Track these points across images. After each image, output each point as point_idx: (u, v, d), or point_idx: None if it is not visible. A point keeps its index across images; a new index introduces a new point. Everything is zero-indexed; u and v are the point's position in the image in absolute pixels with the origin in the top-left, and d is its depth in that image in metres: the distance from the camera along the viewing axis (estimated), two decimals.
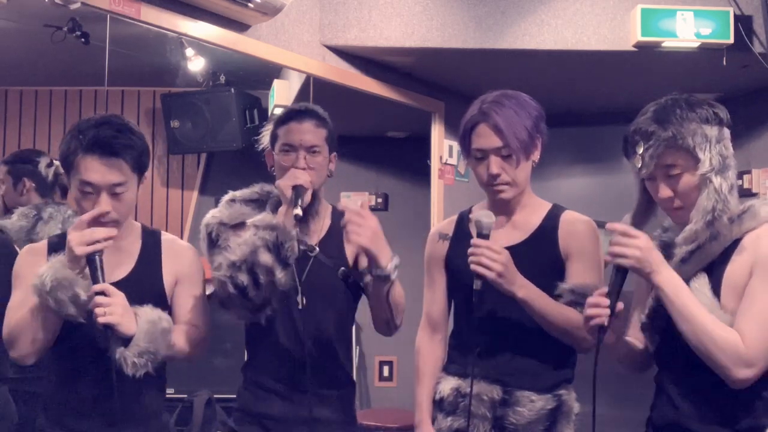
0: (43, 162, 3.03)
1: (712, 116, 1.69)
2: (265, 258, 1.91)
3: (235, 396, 2.20)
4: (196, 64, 3.88)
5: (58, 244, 1.90)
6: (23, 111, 4.39)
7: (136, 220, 2.04)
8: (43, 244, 1.96)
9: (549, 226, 2.06)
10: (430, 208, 4.04)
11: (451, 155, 4.09)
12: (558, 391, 2.03)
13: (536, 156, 2.05)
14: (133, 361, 1.75)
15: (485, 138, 1.99)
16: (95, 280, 1.72)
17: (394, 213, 5.15)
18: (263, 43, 3.07)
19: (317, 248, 2.07)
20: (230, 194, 2.16)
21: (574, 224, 2.06)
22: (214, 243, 2.06)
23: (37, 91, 4.41)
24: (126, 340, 1.75)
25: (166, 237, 2.05)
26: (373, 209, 5.53)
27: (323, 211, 2.17)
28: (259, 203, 2.13)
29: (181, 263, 2.01)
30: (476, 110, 2.02)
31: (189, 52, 3.75)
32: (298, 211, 1.92)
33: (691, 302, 1.62)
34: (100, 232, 1.74)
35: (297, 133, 2.05)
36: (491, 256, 1.86)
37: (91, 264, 1.73)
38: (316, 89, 3.68)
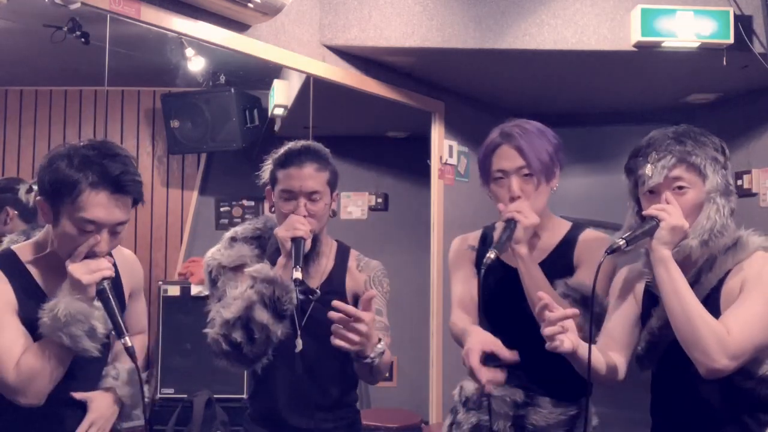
0: (22, 189, 3.04)
1: (720, 147, 1.76)
2: (261, 314, 1.88)
3: (234, 396, 2.21)
4: (196, 64, 3.88)
5: (4, 261, 1.76)
6: (23, 111, 4.39)
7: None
8: None
9: (566, 246, 2.07)
10: (430, 208, 4.04)
11: (451, 155, 4.08)
12: (579, 401, 2.05)
13: (555, 183, 2.05)
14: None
15: (507, 159, 1.99)
16: (109, 311, 1.66)
17: (394, 213, 5.15)
18: (263, 43, 3.07)
19: (318, 292, 2.01)
20: (232, 231, 2.10)
21: (588, 241, 2.06)
22: (214, 283, 2.04)
23: (37, 91, 4.41)
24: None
25: (119, 254, 1.95)
26: (373, 209, 5.58)
27: (326, 251, 2.11)
28: (260, 240, 2.08)
29: (135, 276, 1.98)
30: (497, 134, 2.04)
31: (189, 52, 3.75)
32: (298, 274, 1.86)
33: (687, 286, 1.66)
34: (104, 262, 1.68)
35: (297, 180, 1.98)
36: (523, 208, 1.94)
37: (102, 294, 1.66)
38: (316, 89, 3.68)
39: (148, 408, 3.92)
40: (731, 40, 3.22)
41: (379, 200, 5.18)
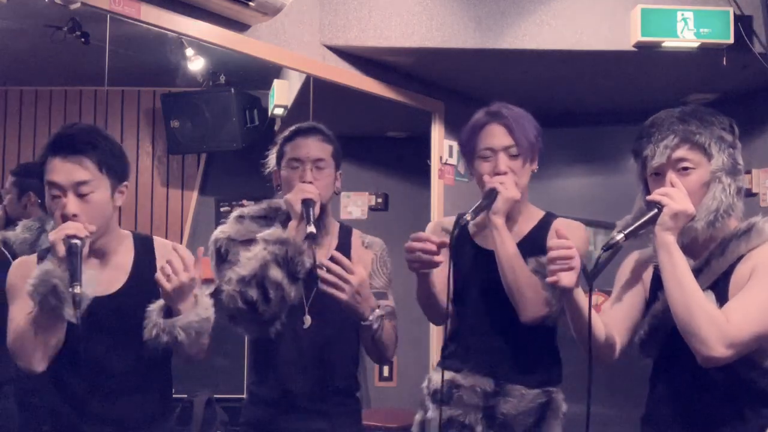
0: None
1: (728, 126, 1.73)
2: (275, 273, 1.91)
3: (234, 396, 2.22)
4: (196, 64, 3.89)
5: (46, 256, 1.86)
6: (23, 111, 4.39)
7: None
8: (33, 257, 1.93)
9: (539, 233, 2.09)
10: (430, 208, 4.04)
11: (451, 155, 4.08)
12: (547, 388, 2.07)
13: (535, 166, 2.10)
14: (175, 335, 1.79)
15: (496, 137, 2.03)
16: (71, 263, 1.69)
17: (394, 213, 5.15)
18: (263, 43, 3.07)
19: (324, 267, 2.05)
20: (239, 211, 2.16)
21: (563, 225, 2.08)
22: (223, 258, 2.06)
23: (37, 91, 4.41)
24: (168, 313, 1.80)
25: (159, 243, 2.01)
26: (373, 209, 5.57)
27: (331, 227, 2.17)
28: (267, 220, 2.12)
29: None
30: (483, 114, 2.07)
31: (189, 52, 3.75)
32: (312, 228, 1.92)
33: (689, 273, 1.63)
34: (70, 223, 1.75)
35: (304, 147, 2.08)
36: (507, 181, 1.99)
37: (69, 250, 1.70)
38: (316, 89, 3.68)
39: None
40: (731, 40, 3.22)
41: (379, 200, 5.18)
